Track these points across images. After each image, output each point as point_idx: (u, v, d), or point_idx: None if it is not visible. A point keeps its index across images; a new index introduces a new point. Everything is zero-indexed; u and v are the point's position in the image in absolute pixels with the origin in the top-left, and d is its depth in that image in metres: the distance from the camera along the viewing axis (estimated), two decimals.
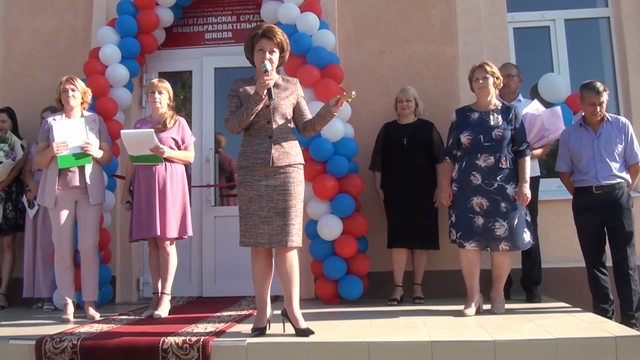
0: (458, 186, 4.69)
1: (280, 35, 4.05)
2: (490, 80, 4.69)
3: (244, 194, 3.97)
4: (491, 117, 4.68)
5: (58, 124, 4.97)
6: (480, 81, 4.71)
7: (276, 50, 4.05)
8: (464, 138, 4.67)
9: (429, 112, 5.72)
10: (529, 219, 4.66)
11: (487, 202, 4.54)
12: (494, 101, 4.76)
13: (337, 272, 5.34)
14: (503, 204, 4.52)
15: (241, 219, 4.00)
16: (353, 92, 3.93)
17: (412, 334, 3.95)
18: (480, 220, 4.56)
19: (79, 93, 5.08)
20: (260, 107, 3.93)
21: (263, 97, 3.88)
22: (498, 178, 4.54)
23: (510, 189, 4.54)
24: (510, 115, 4.67)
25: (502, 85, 4.82)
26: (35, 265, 5.77)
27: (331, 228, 5.33)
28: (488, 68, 4.71)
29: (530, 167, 4.68)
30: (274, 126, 4.00)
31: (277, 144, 3.98)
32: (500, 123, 4.63)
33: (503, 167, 4.56)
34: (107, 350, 3.84)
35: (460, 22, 6.12)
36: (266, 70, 3.91)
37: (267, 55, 3.99)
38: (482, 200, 4.56)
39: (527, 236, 4.60)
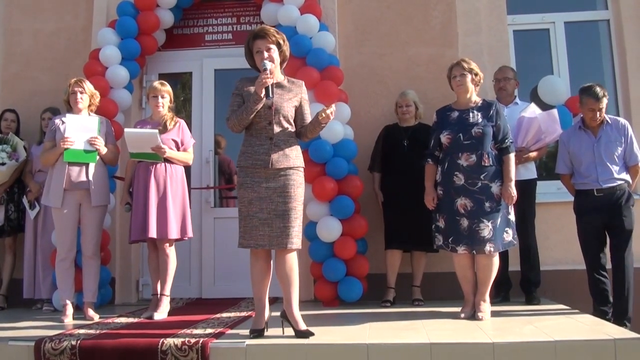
0: (443, 189, 4.62)
1: (274, 33, 4.07)
2: (468, 77, 4.62)
3: (244, 195, 3.97)
4: (471, 114, 4.60)
5: (72, 118, 5.00)
6: (458, 78, 4.65)
7: (273, 47, 4.05)
8: (444, 138, 4.61)
9: (429, 114, 5.71)
10: (512, 217, 4.56)
11: (471, 202, 4.46)
12: (474, 98, 4.69)
13: (336, 274, 5.33)
14: (487, 204, 4.43)
15: (241, 220, 3.99)
16: (329, 111, 3.94)
17: (411, 336, 3.95)
18: (465, 222, 4.48)
19: (86, 95, 5.12)
20: (260, 106, 3.93)
21: (262, 95, 3.89)
22: (482, 177, 4.46)
23: (494, 188, 4.46)
24: (491, 112, 4.58)
25: (481, 82, 4.73)
26: (35, 266, 5.77)
27: (330, 230, 5.33)
28: (465, 65, 4.64)
29: (515, 165, 4.61)
30: (275, 128, 4.00)
31: (277, 146, 3.99)
32: (480, 120, 4.55)
33: (486, 165, 4.47)
34: (106, 352, 3.84)
35: (461, 24, 6.13)
36: (265, 69, 3.92)
37: (265, 54, 4.01)
38: (466, 201, 4.48)
39: (508, 236, 4.51)
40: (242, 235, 3.98)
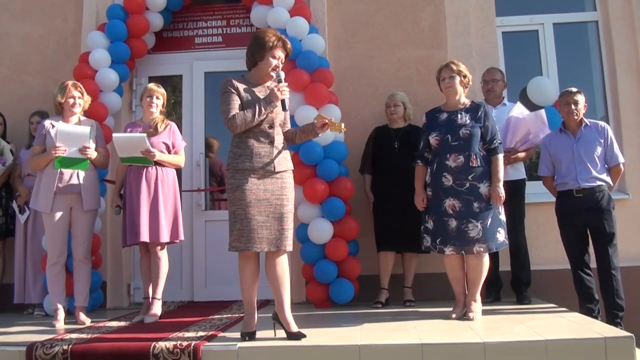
0: (432, 190, 4.64)
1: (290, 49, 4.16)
2: (457, 79, 4.64)
3: (240, 197, 3.92)
4: (459, 116, 4.62)
5: (63, 126, 4.96)
6: (447, 80, 4.67)
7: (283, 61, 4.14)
8: (432, 139, 4.63)
9: (419, 115, 5.73)
10: (503, 218, 4.58)
11: (459, 203, 4.47)
12: (463, 100, 4.71)
13: (327, 275, 5.34)
14: (476, 204, 4.45)
15: (235, 223, 3.93)
16: (343, 126, 4.05)
17: (402, 336, 3.96)
18: (453, 223, 4.49)
19: (82, 100, 5.10)
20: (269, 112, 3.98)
21: (278, 105, 3.97)
22: (470, 177, 4.47)
23: (483, 188, 4.47)
24: (479, 113, 4.60)
25: (470, 83, 4.75)
26: (26, 271, 5.75)
27: (322, 232, 5.34)
28: (454, 67, 4.66)
29: (504, 166, 4.63)
30: (275, 132, 4.04)
31: (277, 148, 4.03)
32: (468, 121, 4.57)
33: (474, 165, 4.48)
34: (98, 356, 3.83)
35: (450, 26, 6.15)
36: (280, 80, 4.00)
37: (281, 65, 4.08)
38: (454, 202, 4.49)
39: (500, 236, 4.52)
40: (236, 239, 3.92)
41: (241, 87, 4.03)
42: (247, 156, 3.96)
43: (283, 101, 3.96)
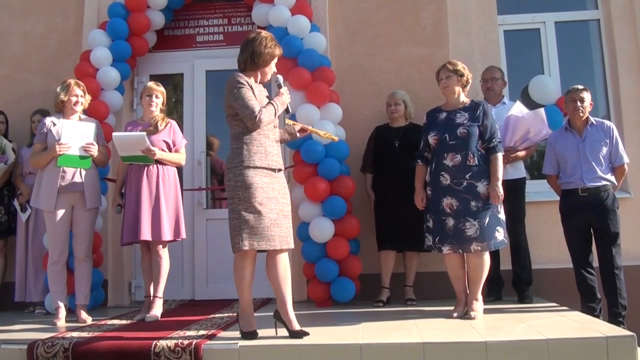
0: (431, 189, 4.64)
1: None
2: (454, 78, 4.63)
3: (253, 195, 3.85)
4: (457, 115, 4.60)
5: (69, 124, 4.96)
6: (444, 80, 4.67)
7: None
8: (431, 138, 4.63)
9: (420, 114, 5.72)
10: (502, 217, 4.55)
11: (456, 202, 4.46)
12: (462, 99, 4.69)
13: (329, 274, 5.34)
14: (473, 203, 4.43)
15: (246, 221, 3.84)
16: (331, 134, 4.28)
17: (404, 335, 3.96)
18: (450, 222, 4.48)
19: (84, 99, 5.10)
20: None
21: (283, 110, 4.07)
22: (467, 176, 4.46)
23: (481, 187, 4.45)
24: (478, 112, 4.57)
25: (469, 82, 4.71)
26: (27, 269, 5.74)
27: (323, 230, 5.34)
28: (450, 67, 4.65)
29: (503, 165, 4.62)
30: (278, 131, 4.10)
31: (280, 148, 4.11)
32: (466, 121, 4.56)
33: (471, 164, 4.47)
34: (99, 354, 3.83)
35: (451, 24, 6.14)
36: (281, 85, 4.09)
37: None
38: (451, 201, 4.48)
39: (499, 235, 4.50)
40: (247, 237, 3.84)
41: (250, 81, 4.01)
42: (262, 154, 3.95)
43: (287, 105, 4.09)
